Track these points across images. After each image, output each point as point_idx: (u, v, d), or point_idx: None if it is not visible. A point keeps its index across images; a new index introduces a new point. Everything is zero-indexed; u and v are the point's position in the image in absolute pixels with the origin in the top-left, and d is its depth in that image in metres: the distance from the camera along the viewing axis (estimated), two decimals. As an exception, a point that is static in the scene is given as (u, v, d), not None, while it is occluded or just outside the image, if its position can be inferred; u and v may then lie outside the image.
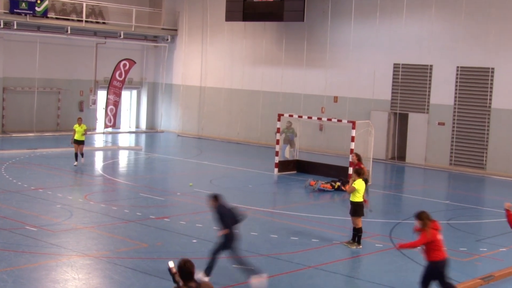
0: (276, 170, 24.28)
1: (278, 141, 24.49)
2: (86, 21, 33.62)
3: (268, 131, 29.99)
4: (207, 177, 23.09)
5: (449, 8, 27.71)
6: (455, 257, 14.24)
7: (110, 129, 34.54)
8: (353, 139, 22.17)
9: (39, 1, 30.94)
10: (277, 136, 24.60)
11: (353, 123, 22.42)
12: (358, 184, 14.48)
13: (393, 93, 29.35)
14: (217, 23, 34.77)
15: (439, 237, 10.27)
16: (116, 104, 34.14)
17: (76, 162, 23.47)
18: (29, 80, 32.80)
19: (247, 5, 31.29)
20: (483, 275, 12.51)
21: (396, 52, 29.07)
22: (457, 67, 27.48)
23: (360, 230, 14.53)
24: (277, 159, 24.30)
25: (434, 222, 10.34)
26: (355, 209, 14.52)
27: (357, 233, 14.56)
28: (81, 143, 23.63)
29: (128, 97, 38.03)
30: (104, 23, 34.96)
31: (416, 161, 28.50)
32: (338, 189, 21.16)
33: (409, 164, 28.59)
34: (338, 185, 21.29)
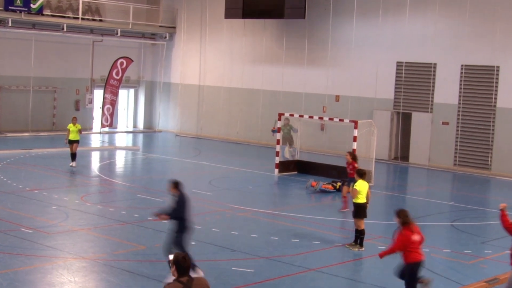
0: (276, 170, 24.27)
1: (278, 141, 24.49)
2: (82, 19, 33.62)
3: (268, 130, 29.95)
4: (206, 178, 23.09)
5: (453, 5, 27.71)
6: (459, 259, 14.25)
7: (107, 129, 34.56)
8: (355, 139, 22.17)
9: (34, -2, 30.98)
10: (278, 136, 24.59)
11: (355, 122, 22.42)
12: (360, 185, 14.48)
13: (396, 92, 29.36)
14: (216, 20, 34.77)
15: (415, 238, 10.48)
16: (113, 103, 34.17)
17: (72, 162, 23.38)
18: (24, 79, 32.79)
19: (246, 2, 31.27)
20: (488, 278, 12.50)
21: (399, 50, 29.07)
22: (462, 65, 27.48)
23: (362, 232, 14.53)
24: (277, 159, 24.30)
25: (411, 223, 10.56)
26: (357, 211, 14.53)
27: (359, 235, 14.56)
28: (75, 142, 23.48)
29: (125, 96, 38.03)
30: (100, 20, 34.96)
31: (420, 161, 28.50)
32: (340, 190, 21.14)
33: (412, 164, 28.59)
34: (340, 185, 21.27)
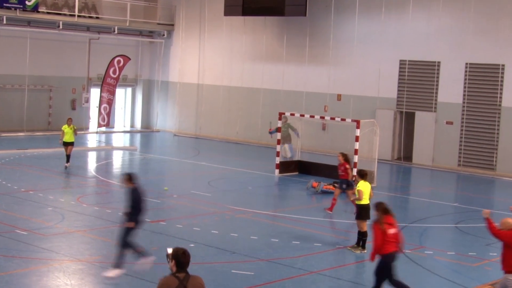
0: (277, 171, 24.28)
1: (279, 141, 24.50)
2: (78, 16, 33.62)
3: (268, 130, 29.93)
4: (205, 178, 23.11)
5: (457, 2, 27.72)
6: (464, 262, 14.26)
7: (103, 129, 34.56)
8: (357, 139, 22.18)
9: (29, -5, 30.99)
10: (278, 136, 24.60)
11: (358, 122, 22.42)
12: (363, 186, 14.49)
13: (399, 91, 29.36)
14: (215, 17, 34.78)
15: (392, 231, 10.85)
16: (110, 102, 34.16)
17: (67, 163, 23.30)
18: (19, 78, 32.80)
19: (246, -1, 31.32)
20: (493, 280, 12.50)
21: (403, 48, 29.08)
22: (466, 63, 27.48)
23: (365, 234, 14.54)
24: (278, 159, 24.31)
25: (389, 216, 10.94)
26: (360, 212, 14.54)
27: (362, 237, 14.57)
28: (70, 144, 23.33)
29: (122, 95, 38.04)
30: (97, 17, 34.96)
31: (423, 162, 28.51)
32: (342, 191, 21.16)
33: (415, 165, 28.60)
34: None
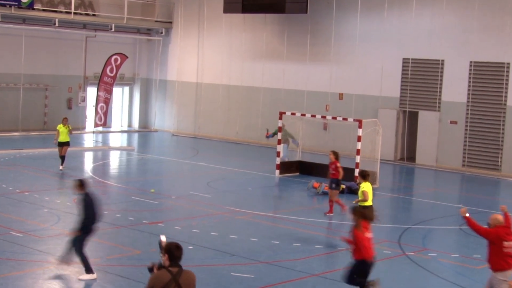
0: (277, 171, 24.29)
1: (279, 141, 24.51)
2: (75, 13, 33.61)
3: (270, 129, 29.84)
4: (204, 179, 23.11)
5: (461, -1, 27.75)
6: (468, 264, 14.26)
7: (100, 128, 34.57)
8: (359, 138, 22.18)
9: (24, -8, 30.98)
10: (278, 136, 24.60)
11: (360, 121, 22.43)
12: (367, 187, 14.49)
13: (402, 89, 29.37)
14: (214, 15, 34.78)
15: (369, 235, 10.99)
16: (107, 102, 34.17)
17: (61, 166, 23.24)
18: (14, 76, 32.81)
19: (246, -4, 31.32)
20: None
21: (406, 46, 29.08)
22: (471, 62, 27.48)
23: (367, 236, 14.52)
24: (278, 160, 24.32)
25: (366, 221, 11.07)
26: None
27: (364, 239, 14.55)
28: (66, 144, 23.27)
29: (119, 94, 38.04)
30: (94, 15, 34.96)
31: (427, 162, 28.51)
32: (342, 192, 21.16)
33: (419, 165, 28.60)
34: (343, 187, 21.30)
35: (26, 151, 27.03)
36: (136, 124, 38.07)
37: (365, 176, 14.75)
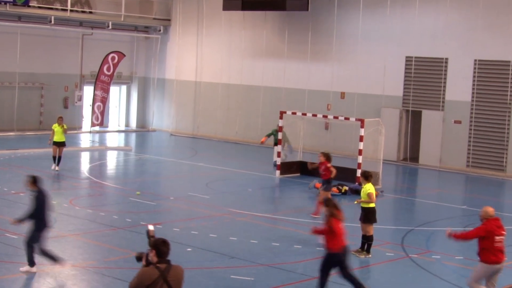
0: (277, 172, 24.29)
1: (280, 141, 24.50)
2: (71, 11, 33.63)
3: (268, 130, 29.80)
4: (203, 180, 23.11)
5: (466, -4, 27.75)
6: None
7: (97, 128, 34.57)
8: (361, 138, 22.18)
9: (20, -11, 30.98)
10: (279, 136, 24.60)
11: (362, 121, 22.42)
12: (372, 189, 14.49)
13: (405, 88, 29.36)
14: (213, 12, 34.78)
15: (340, 226, 11.26)
16: (104, 101, 34.17)
17: (55, 166, 23.08)
18: (9, 75, 32.80)
19: (246, -7, 31.32)
20: (503, 286, 12.50)
21: (409, 44, 29.08)
22: (475, 60, 27.48)
23: (371, 238, 14.52)
24: (279, 160, 24.31)
25: (339, 211, 11.39)
26: (366, 215, 14.52)
27: (367, 241, 14.56)
28: (61, 144, 23.18)
29: (117, 93, 38.04)
30: (90, 12, 34.96)
31: (430, 162, 28.51)
32: (345, 193, 21.19)
33: (422, 166, 28.60)
34: (346, 189, 21.32)
35: (21, 151, 27.03)
36: (133, 124, 38.08)
37: (367, 177, 14.73)
